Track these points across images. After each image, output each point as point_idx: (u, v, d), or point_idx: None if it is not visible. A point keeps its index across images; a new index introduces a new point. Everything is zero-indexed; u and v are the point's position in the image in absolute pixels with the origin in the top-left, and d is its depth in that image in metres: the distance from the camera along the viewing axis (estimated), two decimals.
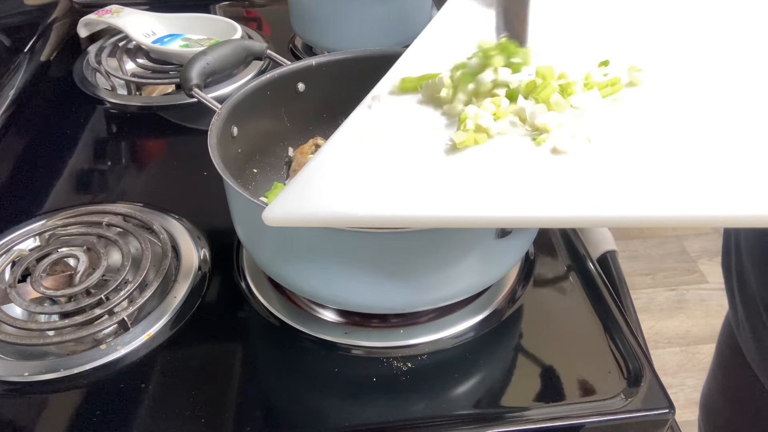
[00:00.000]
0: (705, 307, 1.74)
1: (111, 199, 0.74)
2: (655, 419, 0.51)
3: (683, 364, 1.60)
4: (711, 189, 0.37)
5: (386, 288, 0.51)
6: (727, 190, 0.37)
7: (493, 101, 0.48)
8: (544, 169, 0.42)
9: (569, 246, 0.67)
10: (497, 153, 0.45)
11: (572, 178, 0.41)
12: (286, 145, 0.70)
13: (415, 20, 1.01)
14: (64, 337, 0.55)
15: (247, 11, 1.27)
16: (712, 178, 0.38)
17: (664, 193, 0.38)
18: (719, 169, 0.39)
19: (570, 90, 0.46)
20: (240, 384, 0.53)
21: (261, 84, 0.64)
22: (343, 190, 0.45)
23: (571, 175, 0.41)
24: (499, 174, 0.43)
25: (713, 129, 0.42)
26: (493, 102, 0.48)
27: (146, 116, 0.92)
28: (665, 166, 0.40)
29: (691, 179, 0.38)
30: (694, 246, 1.94)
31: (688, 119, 0.43)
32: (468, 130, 0.46)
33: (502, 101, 0.48)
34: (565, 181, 0.41)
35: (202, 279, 0.63)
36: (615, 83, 0.47)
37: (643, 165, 0.40)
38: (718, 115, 0.43)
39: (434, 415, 0.51)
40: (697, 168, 0.39)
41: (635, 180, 0.39)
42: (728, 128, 0.42)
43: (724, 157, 0.39)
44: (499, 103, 0.47)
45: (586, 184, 0.40)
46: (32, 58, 1.06)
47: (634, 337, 0.57)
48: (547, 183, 0.41)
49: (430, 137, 0.48)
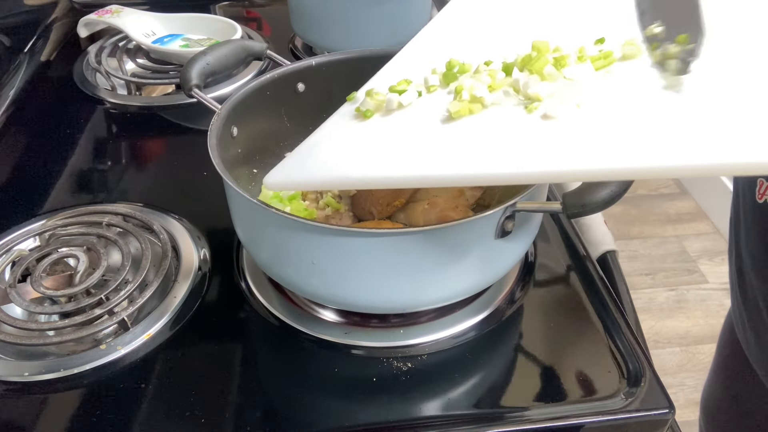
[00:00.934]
0: (705, 307, 1.74)
1: (111, 199, 0.74)
2: (655, 419, 0.51)
3: (683, 364, 1.60)
4: (692, 142, 0.38)
5: (386, 288, 0.51)
6: (703, 140, 0.38)
7: (489, 73, 0.49)
8: (534, 132, 0.43)
9: (569, 246, 0.67)
10: (490, 120, 0.46)
11: (560, 139, 0.42)
12: (286, 145, 0.70)
13: (415, 20, 1.01)
14: (64, 337, 0.55)
15: (247, 11, 1.27)
16: (693, 134, 0.39)
17: (646, 146, 0.39)
18: (701, 126, 0.39)
19: (563, 62, 0.47)
20: (240, 384, 0.53)
21: (261, 84, 0.64)
22: (340, 156, 0.48)
23: (559, 136, 0.42)
24: (490, 137, 0.45)
25: (701, 97, 0.42)
26: (489, 74, 0.49)
27: (146, 116, 0.92)
28: (650, 124, 0.40)
29: (674, 135, 0.39)
30: (694, 246, 1.94)
31: (679, 90, 0.43)
32: (463, 101, 0.47)
33: (498, 74, 0.49)
34: (553, 142, 0.42)
35: (202, 279, 0.63)
36: (608, 56, 0.47)
37: (628, 125, 0.41)
38: (709, 86, 0.43)
39: (434, 415, 0.51)
40: (681, 126, 0.39)
41: (620, 137, 0.40)
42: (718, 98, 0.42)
43: (708, 113, 0.40)
44: (495, 75, 0.48)
45: (573, 143, 0.41)
46: (32, 58, 1.06)
47: (634, 337, 0.57)
48: (535, 143, 0.42)
49: (426, 111, 0.50)
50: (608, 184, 0.46)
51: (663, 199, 2.13)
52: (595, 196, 0.46)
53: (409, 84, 0.52)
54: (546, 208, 0.51)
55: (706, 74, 0.42)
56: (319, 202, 0.65)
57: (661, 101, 0.42)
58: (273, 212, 0.49)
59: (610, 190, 0.46)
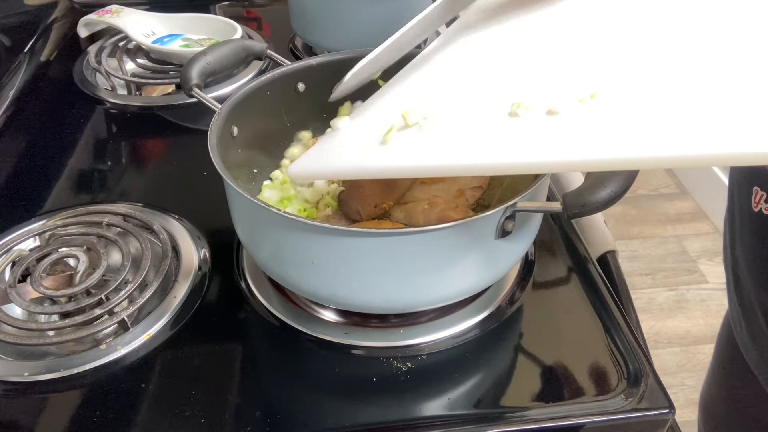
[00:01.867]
0: (705, 307, 1.74)
1: (111, 199, 0.74)
2: (655, 419, 0.51)
3: (683, 364, 1.60)
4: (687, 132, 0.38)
5: (386, 288, 0.51)
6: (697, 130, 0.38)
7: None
8: (531, 127, 0.45)
9: (569, 246, 0.67)
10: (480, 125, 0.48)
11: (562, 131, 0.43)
12: (286, 145, 0.70)
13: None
14: (64, 337, 0.55)
15: (247, 11, 1.27)
16: (687, 124, 0.39)
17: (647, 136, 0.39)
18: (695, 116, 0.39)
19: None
20: (240, 384, 0.53)
21: (261, 84, 0.64)
22: (355, 148, 0.53)
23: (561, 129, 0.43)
24: (489, 132, 0.47)
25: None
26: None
27: (146, 116, 0.92)
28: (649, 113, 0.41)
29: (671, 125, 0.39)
30: (694, 246, 1.94)
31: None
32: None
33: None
34: (556, 134, 0.43)
35: (202, 279, 0.63)
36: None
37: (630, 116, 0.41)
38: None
39: (434, 415, 0.51)
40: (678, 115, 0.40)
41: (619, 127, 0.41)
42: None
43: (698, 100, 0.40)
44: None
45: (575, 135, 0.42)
46: (32, 58, 1.06)
47: (634, 337, 0.57)
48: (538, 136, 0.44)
49: (429, 111, 0.52)
50: (608, 185, 0.46)
51: (663, 199, 2.13)
52: (595, 196, 0.46)
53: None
54: (546, 208, 0.51)
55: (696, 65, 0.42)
56: (319, 203, 0.65)
57: (659, 89, 0.42)
58: (273, 212, 0.49)
59: (610, 190, 0.46)
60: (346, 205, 0.62)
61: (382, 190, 0.61)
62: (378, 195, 0.61)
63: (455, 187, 0.62)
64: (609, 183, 0.46)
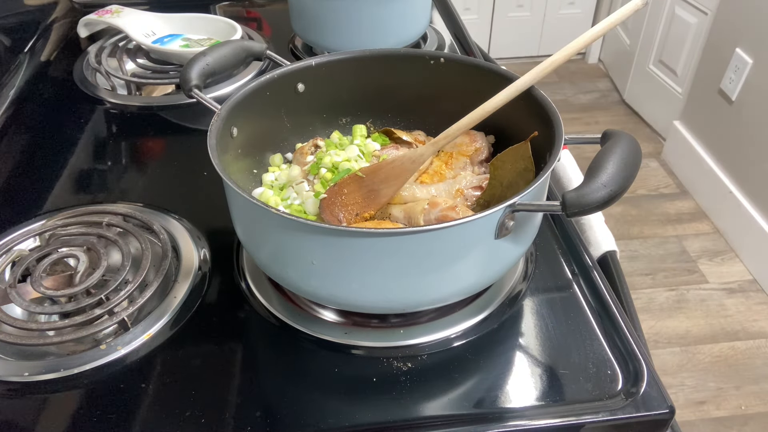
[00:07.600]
0: (705, 307, 1.74)
1: (111, 199, 0.74)
2: (655, 419, 0.51)
3: (683, 364, 1.59)
4: None
5: (386, 288, 0.51)
6: None
7: None
8: None
9: (569, 246, 0.67)
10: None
11: None
12: (286, 146, 0.70)
13: (415, 20, 1.01)
14: (64, 337, 0.55)
15: (247, 11, 1.27)
16: None
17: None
18: None
19: None
20: (240, 384, 0.53)
21: (261, 84, 0.64)
22: None
23: None
24: None
25: None
26: None
27: (146, 116, 0.92)
28: None
29: None
30: (694, 246, 1.94)
31: None
32: None
33: None
34: None
35: (202, 279, 0.63)
36: None
37: None
38: None
39: (434, 415, 0.51)
40: None
41: None
42: None
43: None
44: None
45: None
46: (32, 58, 1.06)
47: (634, 337, 0.57)
48: None
49: None
50: (608, 185, 0.45)
51: (663, 199, 2.13)
52: (595, 196, 0.46)
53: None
54: (546, 207, 0.51)
55: None
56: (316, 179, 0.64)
57: None
58: (273, 212, 0.49)
59: (610, 189, 0.46)
60: (327, 212, 0.61)
61: (363, 199, 0.61)
62: (359, 205, 0.61)
63: (455, 187, 0.62)
64: (608, 183, 0.46)
